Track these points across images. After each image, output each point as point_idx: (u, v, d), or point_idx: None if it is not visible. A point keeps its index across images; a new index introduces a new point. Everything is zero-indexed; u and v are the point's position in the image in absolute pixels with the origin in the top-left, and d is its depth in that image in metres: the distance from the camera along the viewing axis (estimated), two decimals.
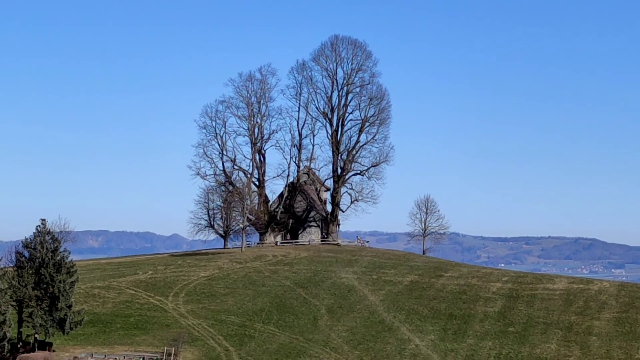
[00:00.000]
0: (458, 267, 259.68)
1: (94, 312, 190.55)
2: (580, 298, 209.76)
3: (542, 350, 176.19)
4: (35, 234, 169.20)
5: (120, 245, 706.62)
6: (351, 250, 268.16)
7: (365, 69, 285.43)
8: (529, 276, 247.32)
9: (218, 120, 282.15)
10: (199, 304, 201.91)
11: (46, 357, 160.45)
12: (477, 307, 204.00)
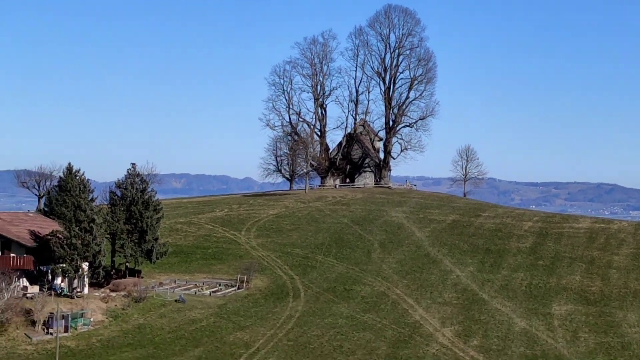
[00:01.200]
0: (494, 208, 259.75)
1: (177, 244, 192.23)
2: (602, 236, 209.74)
3: (568, 281, 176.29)
4: (127, 176, 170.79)
5: (199, 187, 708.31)
6: (401, 192, 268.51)
7: (414, 34, 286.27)
8: (556, 216, 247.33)
9: (285, 78, 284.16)
10: (267, 238, 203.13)
11: (136, 283, 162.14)
12: (511, 243, 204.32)
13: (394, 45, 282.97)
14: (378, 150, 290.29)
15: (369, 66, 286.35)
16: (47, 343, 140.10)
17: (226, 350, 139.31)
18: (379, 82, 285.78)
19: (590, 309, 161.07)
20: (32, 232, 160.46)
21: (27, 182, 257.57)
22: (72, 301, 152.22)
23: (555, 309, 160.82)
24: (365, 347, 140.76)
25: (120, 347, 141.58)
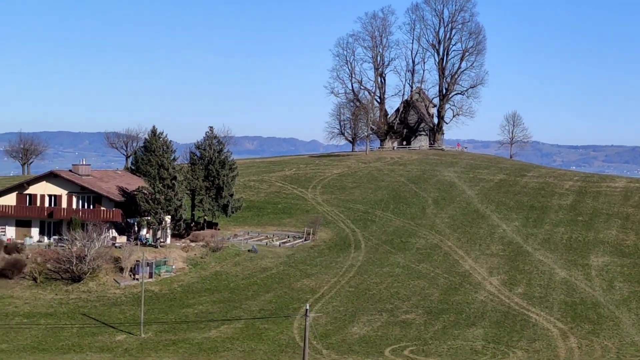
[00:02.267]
0: (538, 168, 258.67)
1: (250, 199, 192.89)
2: (636, 194, 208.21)
3: (605, 235, 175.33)
4: (205, 138, 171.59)
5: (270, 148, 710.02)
6: (452, 154, 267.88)
7: (466, 10, 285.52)
8: (595, 176, 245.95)
9: (349, 50, 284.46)
10: (331, 195, 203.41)
11: (213, 234, 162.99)
12: (553, 200, 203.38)
13: (447, 20, 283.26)
14: (432, 116, 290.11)
15: (424, 39, 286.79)
16: (134, 288, 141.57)
17: (294, 295, 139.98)
18: (434, 53, 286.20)
19: (625, 260, 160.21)
20: (120, 188, 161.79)
21: (116, 143, 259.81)
22: (156, 250, 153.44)
23: (592, 261, 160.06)
24: (419, 294, 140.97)
25: (199, 292, 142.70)
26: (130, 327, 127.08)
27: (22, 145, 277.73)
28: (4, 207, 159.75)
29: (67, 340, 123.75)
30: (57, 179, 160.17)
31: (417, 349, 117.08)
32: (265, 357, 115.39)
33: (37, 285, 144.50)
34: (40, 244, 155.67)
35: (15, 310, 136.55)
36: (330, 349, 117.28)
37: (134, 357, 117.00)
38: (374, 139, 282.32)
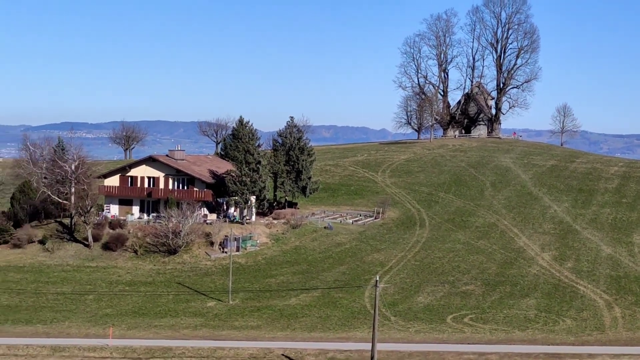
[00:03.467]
0: (586, 155, 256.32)
1: (326, 182, 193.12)
2: None
3: None
4: (286, 127, 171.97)
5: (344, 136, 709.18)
6: (508, 142, 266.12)
7: (521, 12, 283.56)
8: (638, 162, 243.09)
9: (415, 48, 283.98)
10: (399, 178, 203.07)
11: (293, 213, 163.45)
12: (600, 184, 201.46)
13: (505, 21, 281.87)
14: (490, 107, 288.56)
15: (483, 38, 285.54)
16: (222, 260, 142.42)
17: (365, 268, 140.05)
18: (492, 51, 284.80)
19: None
20: (211, 171, 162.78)
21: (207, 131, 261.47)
22: (242, 227, 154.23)
23: (636, 239, 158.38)
24: (478, 267, 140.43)
25: (280, 264, 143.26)
26: (219, 295, 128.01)
27: (125, 133, 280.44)
28: (108, 187, 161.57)
29: (164, 306, 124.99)
30: (156, 163, 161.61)
31: (475, 317, 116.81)
32: (339, 322, 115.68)
33: (137, 257, 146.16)
34: (140, 221, 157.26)
35: (119, 279, 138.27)
36: (398, 316, 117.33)
37: (223, 321, 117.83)
38: (438, 128, 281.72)
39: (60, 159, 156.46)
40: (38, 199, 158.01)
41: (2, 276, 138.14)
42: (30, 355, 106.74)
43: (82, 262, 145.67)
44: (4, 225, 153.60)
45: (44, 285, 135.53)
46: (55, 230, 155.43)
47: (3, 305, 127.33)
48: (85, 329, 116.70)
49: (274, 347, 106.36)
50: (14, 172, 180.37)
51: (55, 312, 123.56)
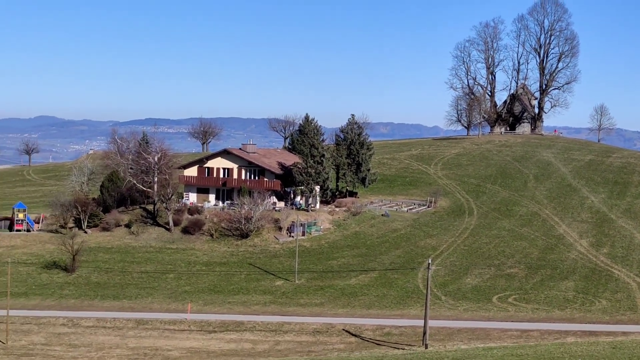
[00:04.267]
0: (621, 151, 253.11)
1: (383, 174, 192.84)
2: None
3: None
4: (348, 124, 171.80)
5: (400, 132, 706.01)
6: (550, 138, 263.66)
7: (562, 20, 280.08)
8: None
9: (465, 52, 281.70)
10: (450, 170, 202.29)
11: (353, 201, 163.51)
12: (634, 177, 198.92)
13: (547, 28, 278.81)
14: (533, 107, 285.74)
15: (527, 44, 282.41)
16: (289, 243, 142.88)
17: (418, 251, 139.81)
18: (535, 55, 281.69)
19: None
20: (279, 163, 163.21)
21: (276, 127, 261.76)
22: (308, 214, 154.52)
23: None
24: (521, 252, 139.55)
25: (341, 248, 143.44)
26: (286, 275, 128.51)
27: (202, 128, 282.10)
28: (188, 177, 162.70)
29: (236, 284, 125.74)
30: (230, 155, 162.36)
31: (519, 297, 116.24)
32: (394, 301, 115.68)
33: (213, 240, 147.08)
34: (215, 207, 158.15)
35: (196, 260, 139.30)
36: (448, 295, 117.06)
37: (290, 298, 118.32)
38: (485, 125, 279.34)
39: (145, 151, 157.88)
40: (125, 187, 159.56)
41: (92, 256, 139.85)
42: (117, 327, 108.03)
43: (164, 244, 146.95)
44: (94, 210, 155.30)
45: (130, 265, 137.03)
46: (139, 215, 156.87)
47: (93, 282, 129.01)
48: (166, 304, 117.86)
49: (336, 322, 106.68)
50: (103, 163, 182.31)
51: (140, 289, 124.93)
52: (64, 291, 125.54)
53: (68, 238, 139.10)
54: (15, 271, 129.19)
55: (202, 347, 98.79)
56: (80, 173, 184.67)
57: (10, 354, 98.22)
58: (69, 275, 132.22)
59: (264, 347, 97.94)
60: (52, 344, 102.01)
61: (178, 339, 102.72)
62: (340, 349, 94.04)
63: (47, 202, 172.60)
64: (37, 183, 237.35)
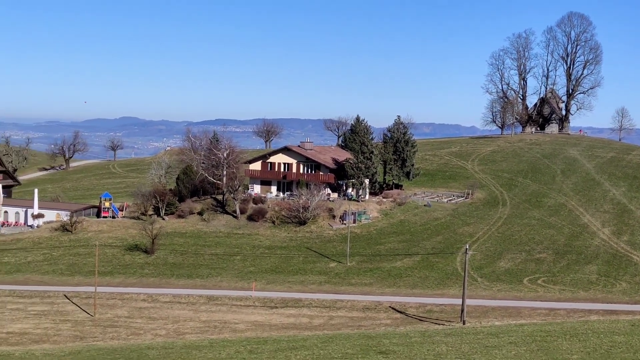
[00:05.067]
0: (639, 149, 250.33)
1: (426, 168, 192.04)
2: None
3: None
4: (394, 124, 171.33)
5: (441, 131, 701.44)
6: (575, 137, 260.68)
7: (587, 32, 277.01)
8: None
9: (499, 60, 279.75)
10: (485, 166, 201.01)
11: (399, 193, 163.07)
12: None
13: (574, 39, 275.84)
14: (561, 109, 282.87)
15: (556, 53, 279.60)
16: (342, 230, 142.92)
17: (457, 238, 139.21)
18: (563, 63, 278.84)
19: None
20: (333, 159, 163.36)
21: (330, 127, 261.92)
22: (358, 204, 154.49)
23: None
24: (549, 239, 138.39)
25: (388, 234, 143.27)
26: (339, 258, 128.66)
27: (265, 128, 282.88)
28: (253, 171, 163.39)
29: (295, 265, 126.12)
30: (289, 152, 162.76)
31: (547, 279, 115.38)
32: (435, 282, 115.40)
33: (274, 226, 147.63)
34: (277, 197, 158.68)
35: (260, 244, 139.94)
36: (483, 277, 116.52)
37: (342, 279, 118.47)
38: (517, 125, 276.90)
39: (215, 148, 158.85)
40: (197, 180, 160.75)
41: (169, 240, 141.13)
42: (190, 303, 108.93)
43: (232, 230, 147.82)
44: (171, 200, 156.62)
45: (202, 248, 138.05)
46: (210, 204, 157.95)
47: (170, 263, 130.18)
48: (234, 282, 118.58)
49: (383, 300, 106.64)
50: (179, 158, 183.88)
51: (210, 269, 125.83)
52: (144, 270, 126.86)
53: (148, 224, 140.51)
54: (102, 253, 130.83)
55: (265, 321, 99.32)
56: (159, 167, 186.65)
57: (97, 325, 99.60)
58: (148, 257, 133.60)
59: (319, 322, 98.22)
60: (134, 317, 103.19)
61: (244, 314, 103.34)
62: (387, 324, 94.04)
63: (130, 192, 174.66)
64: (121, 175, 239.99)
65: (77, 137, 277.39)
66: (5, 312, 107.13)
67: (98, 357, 76.16)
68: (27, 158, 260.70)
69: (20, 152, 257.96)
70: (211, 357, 71.94)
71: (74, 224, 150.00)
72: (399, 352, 68.68)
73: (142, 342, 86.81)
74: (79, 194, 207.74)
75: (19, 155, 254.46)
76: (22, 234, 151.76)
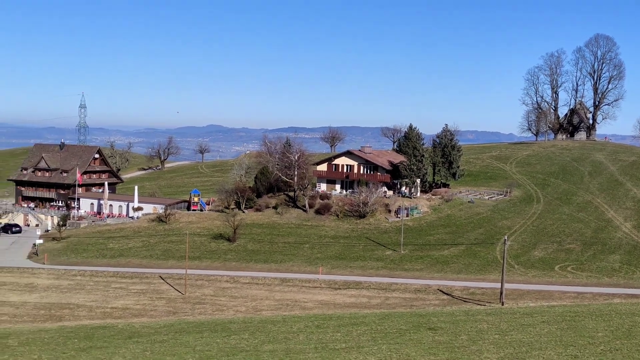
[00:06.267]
0: None
1: (470, 170, 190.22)
2: None
3: None
4: (442, 131, 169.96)
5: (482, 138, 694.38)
6: (601, 143, 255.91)
7: (612, 51, 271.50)
8: None
9: (534, 76, 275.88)
10: (522, 168, 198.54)
11: (446, 191, 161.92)
12: None
13: (600, 57, 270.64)
14: (588, 119, 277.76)
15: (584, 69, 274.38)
16: (396, 223, 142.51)
17: (497, 230, 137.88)
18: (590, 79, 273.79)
19: None
20: (389, 161, 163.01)
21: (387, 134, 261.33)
22: (410, 200, 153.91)
23: None
24: (578, 232, 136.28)
25: (437, 227, 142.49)
26: (394, 247, 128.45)
27: (331, 134, 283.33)
28: (320, 171, 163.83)
29: (356, 253, 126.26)
30: (351, 155, 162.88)
31: (575, 266, 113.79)
32: (477, 268, 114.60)
33: (338, 219, 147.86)
34: (340, 194, 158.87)
35: (325, 234, 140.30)
36: (520, 265, 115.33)
37: (397, 264, 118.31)
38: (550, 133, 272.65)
39: (288, 151, 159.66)
40: (272, 179, 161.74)
41: (248, 230, 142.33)
42: (266, 284, 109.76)
43: (301, 222, 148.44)
44: (250, 196, 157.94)
45: (276, 237, 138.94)
46: (283, 200, 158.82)
47: (249, 250, 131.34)
48: (303, 267, 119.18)
49: (432, 284, 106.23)
50: (256, 160, 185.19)
51: (283, 255, 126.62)
52: (227, 256, 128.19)
53: (230, 216, 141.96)
54: (192, 240, 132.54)
55: (330, 300, 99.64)
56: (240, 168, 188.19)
57: (187, 302, 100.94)
58: (231, 244, 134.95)
59: (376, 301, 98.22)
60: (218, 296, 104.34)
61: (312, 294, 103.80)
62: (435, 304, 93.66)
63: (215, 189, 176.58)
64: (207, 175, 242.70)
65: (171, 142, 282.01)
66: (110, 291, 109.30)
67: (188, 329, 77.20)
68: (128, 160, 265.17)
69: (123, 155, 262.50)
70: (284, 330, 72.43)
71: (168, 215, 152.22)
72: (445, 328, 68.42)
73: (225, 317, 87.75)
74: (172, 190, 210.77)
75: (122, 157, 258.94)
76: (125, 224, 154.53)
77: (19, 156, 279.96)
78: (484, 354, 54.31)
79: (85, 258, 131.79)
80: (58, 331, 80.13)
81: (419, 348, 58.85)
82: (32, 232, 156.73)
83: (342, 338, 66.52)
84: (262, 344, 65.91)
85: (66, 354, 67.27)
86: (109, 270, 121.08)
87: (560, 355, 53.14)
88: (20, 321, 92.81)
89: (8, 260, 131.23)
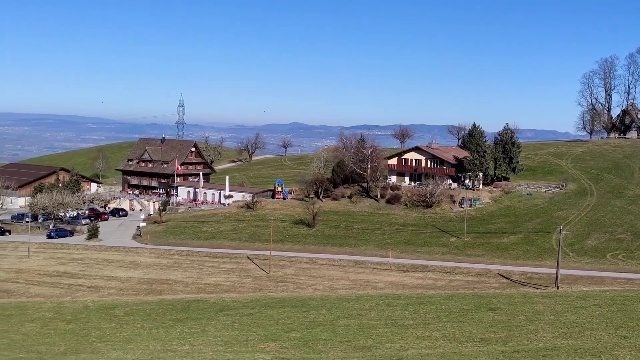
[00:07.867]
0: None
1: (528, 165, 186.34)
2: None
3: None
4: (503, 129, 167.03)
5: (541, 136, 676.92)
6: None
7: None
8: None
9: (590, 79, 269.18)
10: (577, 163, 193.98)
11: (506, 184, 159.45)
12: None
13: None
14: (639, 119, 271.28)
15: (635, 74, 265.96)
16: (460, 212, 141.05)
17: (553, 221, 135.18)
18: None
19: None
20: (454, 156, 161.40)
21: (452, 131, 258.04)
22: (473, 192, 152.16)
23: None
24: (628, 223, 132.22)
25: (497, 216, 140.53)
26: (458, 234, 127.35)
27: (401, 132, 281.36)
28: (390, 165, 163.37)
29: (423, 239, 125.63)
30: (419, 151, 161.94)
31: (626, 255, 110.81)
32: (535, 255, 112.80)
33: (407, 208, 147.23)
34: (409, 186, 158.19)
35: (395, 221, 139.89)
36: (574, 252, 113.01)
37: (460, 250, 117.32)
38: (603, 132, 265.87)
39: (362, 146, 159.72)
40: (347, 171, 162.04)
41: (326, 217, 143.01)
42: (341, 266, 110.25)
43: (374, 210, 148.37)
44: (327, 186, 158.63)
45: (350, 224, 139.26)
46: (357, 190, 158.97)
47: (326, 235, 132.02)
48: (375, 251, 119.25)
49: (492, 268, 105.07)
50: (333, 154, 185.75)
51: (357, 240, 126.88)
52: (306, 240, 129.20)
53: (310, 204, 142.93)
54: (276, 225, 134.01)
55: (399, 281, 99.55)
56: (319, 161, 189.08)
57: (271, 280, 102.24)
58: (310, 229, 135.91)
59: (441, 283, 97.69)
60: (298, 275, 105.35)
61: (382, 275, 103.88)
62: (495, 287, 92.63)
63: (297, 180, 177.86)
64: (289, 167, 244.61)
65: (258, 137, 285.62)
66: (204, 269, 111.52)
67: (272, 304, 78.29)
68: (220, 153, 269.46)
69: (216, 149, 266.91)
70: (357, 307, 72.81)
71: (254, 203, 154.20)
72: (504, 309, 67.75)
73: (304, 294, 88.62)
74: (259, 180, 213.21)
75: (215, 150, 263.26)
76: (217, 210, 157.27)
77: (125, 149, 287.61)
78: (540, 332, 53.64)
79: (182, 239, 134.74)
80: (158, 304, 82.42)
81: (479, 326, 58.47)
82: (137, 216, 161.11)
83: (410, 315, 66.54)
84: (338, 319, 66.45)
85: (165, 323, 69.22)
86: (202, 251, 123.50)
87: (610, 336, 52.10)
88: (125, 294, 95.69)
89: (116, 241, 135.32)
